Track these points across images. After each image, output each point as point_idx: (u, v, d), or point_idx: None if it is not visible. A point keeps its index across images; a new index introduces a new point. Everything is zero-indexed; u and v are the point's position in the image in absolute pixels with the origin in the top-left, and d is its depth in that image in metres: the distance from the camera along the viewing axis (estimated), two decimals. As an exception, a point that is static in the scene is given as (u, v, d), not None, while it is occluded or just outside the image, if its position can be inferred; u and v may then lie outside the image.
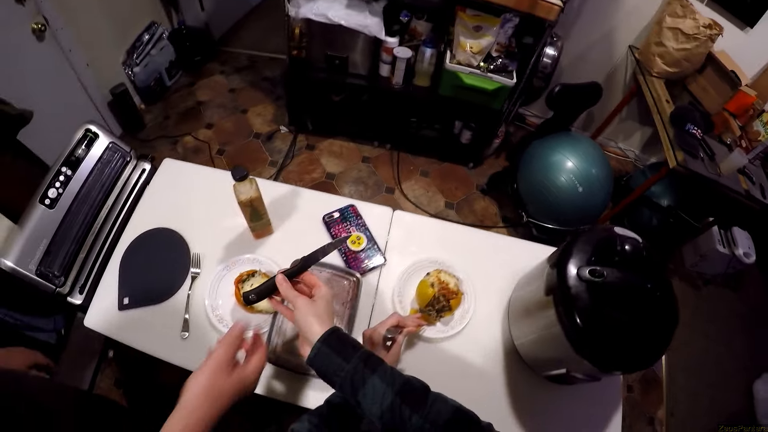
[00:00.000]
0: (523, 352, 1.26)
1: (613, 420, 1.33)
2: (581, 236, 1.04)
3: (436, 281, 1.22)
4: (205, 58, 3.27)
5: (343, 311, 1.21)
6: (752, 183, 2.37)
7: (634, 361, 0.97)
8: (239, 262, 1.26)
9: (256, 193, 1.14)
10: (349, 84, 2.58)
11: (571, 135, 2.61)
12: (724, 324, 3.13)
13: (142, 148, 2.76)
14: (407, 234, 1.45)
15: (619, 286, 0.94)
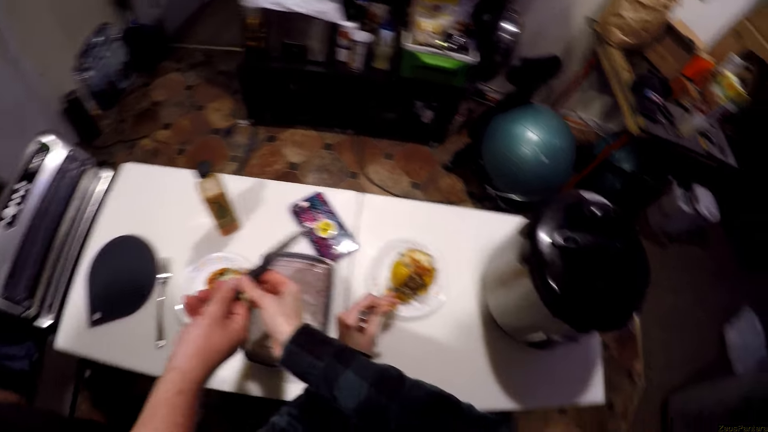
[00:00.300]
0: (502, 321, 1.27)
1: (595, 377, 1.37)
2: (551, 204, 1.06)
3: (409, 261, 1.24)
4: (160, 56, 3.17)
5: (318, 301, 1.20)
6: (712, 143, 2.45)
7: (611, 319, 1.00)
8: (209, 261, 1.23)
9: (221, 188, 1.12)
10: (308, 72, 2.55)
11: (532, 108, 2.64)
12: (691, 278, 3.24)
13: (100, 155, 2.64)
14: (377, 217, 1.45)
15: (591, 249, 0.97)
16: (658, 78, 2.51)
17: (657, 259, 3.21)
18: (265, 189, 1.43)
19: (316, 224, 1.36)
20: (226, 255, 1.25)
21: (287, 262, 1.23)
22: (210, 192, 1.10)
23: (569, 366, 1.36)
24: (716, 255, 3.46)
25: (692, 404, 2.47)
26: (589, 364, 1.39)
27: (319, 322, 1.17)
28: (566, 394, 1.35)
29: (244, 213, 1.36)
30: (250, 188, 1.42)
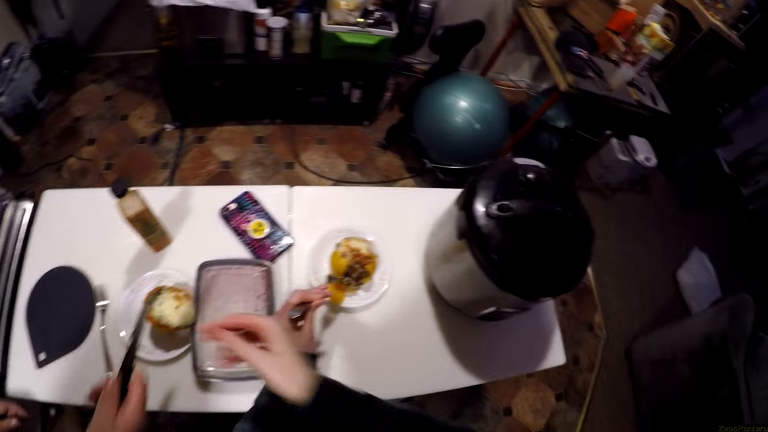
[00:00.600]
0: (450, 298, 1.24)
1: (554, 339, 1.37)
2: (483, 174, 1.02)
3: (347, 250, 1.17)
4: (74, 69, 2.95)
5: (260, 305, 1.12)
6: (642, 93, 2.49)
7: (559, 283, 0.97)
8: (144, 281, 1.13)
9: (143, 205, 1.02)
10: (227, 65, 2.43)
11: (460, 76, 2.61)
12: (637, 225, 3.33)
13: (26, 184, 2.48)
14: (310, 208, 1.38)
15: (529, 215, 0.93)
16: (583, 34, 2.53)
17: (602, 211, 3.28)
18: (192, 196, 1.33)
19: (248, 225, 1.27)
20: (161, 272, 1.15)
21: (221, 270, 1.14)
22: (131, 210, 1.00)
23: (526, 333, 1.35)
24: (658, 199, 3.57)
25: (654, 349, 2.54)
26: (545, 328, 1.39)
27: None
28: (527, 361, 1.34)
29: (174, 225, 1.26)
30: (177, 197, 1.32)
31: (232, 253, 1.24)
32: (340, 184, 2.83)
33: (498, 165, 1.04)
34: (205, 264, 1.13)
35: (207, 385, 1.06)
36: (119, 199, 0.99)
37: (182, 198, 1.31)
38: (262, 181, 2.72)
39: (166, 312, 0.97)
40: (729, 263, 3.41)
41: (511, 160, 1.06)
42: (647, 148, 3.13)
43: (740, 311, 2.09)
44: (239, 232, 1.26)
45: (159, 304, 0.98)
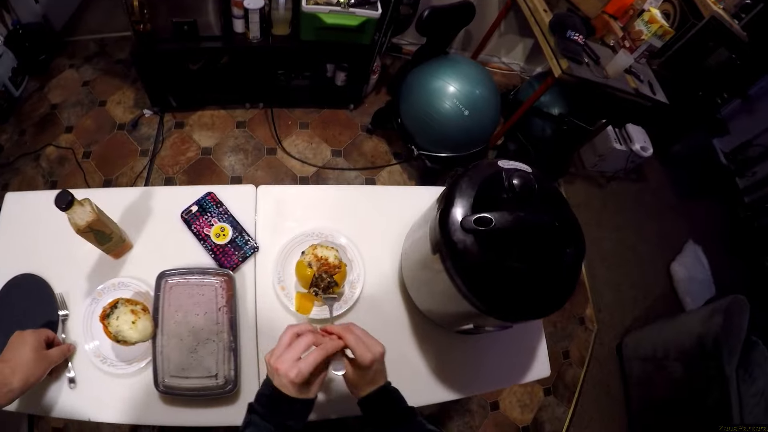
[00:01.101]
0: (425, 311, 1.16)
1: (539, 351, 1.31)
2: (462, 178, 0.91)
3: (312, 259, 1.08)
4: (51, 54, 2.83)
5: (221, 318, 1.04)
6: (640, 81, 2.39)
7: (545, 304, 0.87)
8: (105, 290, 1.07)
9: (93, 214, 0.94)
10: (204, 48, 2.31)
11: (448, 58, 2.49)
12: (631, 215, 3.26)
13: (5, 174, 2.42)
14: (278, 209, 1.28)
15: (512, 228, 0.82)
16: (578, 17, 2.40)
17: (597, 200, 3.21)
18: (152, 198, 1.23)
19: (211, 230, 1.18)
20: (121, 280, 1.09)
21: (181, 280, 1.06)
22: (81, 222, 0.92)
23: (510, 345, 1.28)
24: (654, 188, 3.49)
25: (646, 345, 2.49)
26: (530, 339, 1.32)
27: (227, 342, 1.02)
28: (510, 375, 1.28)
29: (135, 229, 1.18)
30: (136, 200, 1.22)
31: (195, 259, 1.16)
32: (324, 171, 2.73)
33: (479, 169, 0.93)
34: (164, 273, 1.04)
35: (170, 399, 1.01)
36: (66, 211, 0.91)
37: (143, 200, 1.22)
38: (243, 168, 2.63)
39: (122, 327, 0.92)
40: (724, 256, 3.35)
41: (494, 163, 0.94)
42: (643, 137, 3.05)
43: (735, 314, 2.04)
44: (201, 236, 1.17)
45: (116, 319, 0.93)
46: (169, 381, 0.97)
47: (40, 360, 0.87)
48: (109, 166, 2.51)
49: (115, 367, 1.01)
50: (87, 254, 1.10)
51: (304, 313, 1.09)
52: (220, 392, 0.98)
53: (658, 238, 3.23)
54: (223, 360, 1.00)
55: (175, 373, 0.98)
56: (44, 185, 2.40)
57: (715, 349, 2.03)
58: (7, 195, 1.22)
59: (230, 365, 1.00)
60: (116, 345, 0.95)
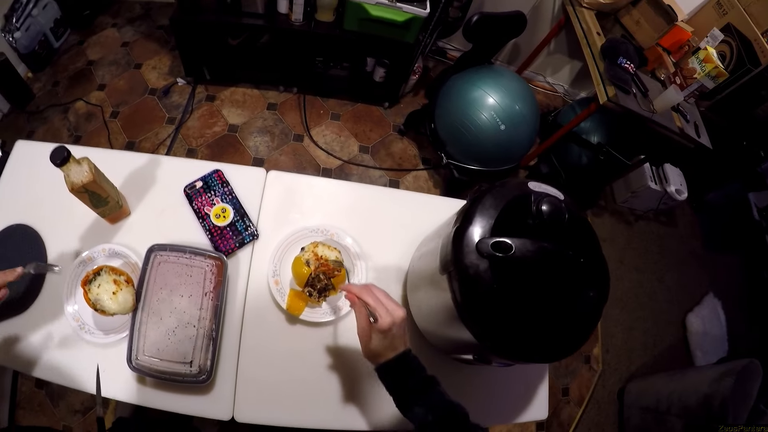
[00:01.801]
0: (423, 331, 1.08)
1: (540, 391, 1.24)
2: (486, 195, 0.83)
3: (311, 257, 1.02)
4: (95, 11, 2.85)
5: (206, 303, 0.99)
6: (686, 121, 2.29)
7: (556, 349, 0.80)
8: (94, 254, 1.04)
9: (90, 174, 0.90)
10: (246, 24, 2.28)
11: (492, 69, 2.41)
12: (655, 259, 3.13)
13: (33, 122, 2.45)
14: (286, 198, 1.22)
15: (533, 259, 0.75)
16: (632, 45, 2.30)
17: (622, 237, 3.09)
18: (158, 167, 1.19)
19: (211, 209, 1.13)
20: (112, 246, 1.05)
21: (171, 256, 1.01)
22: (76, 180, 0.89)
23: (509, 380, 1.21)
24: (682, 235, 3.35)
25: (649, 395, 2.38)
26: (532, 376, 1.24)
27: (207, 329, 0.97)
28: (506, 412, 1.21)
29: (136, 196, 1.14)
30: (141, 167, 1.18)
31: (191, 237, 1.11)
32: (348, 166, 2.68)
33: (506, 188, 0.85)
34: (155, 248, 1.00)
35: (142, 378, 0.97)
36: (61, 167, 0.87)
37: (148, 167, 1.19)
38: (267, 150, 2.60)
39: (102, 296, 0.89)
40: (741, 315, 3.20)
41: (524, 183, 0.86)
42: (680, 179, 2.92)
43: (747, 379, 1.93)
44: (201, 215, 1.13)
45: (97, 287, 0.90)
46: (142, 360, 0.94)
47: None
48: (134, 128, 2.50)
49: (92, 335, 0.98)
50: (84, 214, 1.06)
51: (295, 312, 1.04)
52: (193, 381, 0.93)
53: (679, 286, 3.10)
54: (201, 348, 0.96)
55: (150, 353, 0.94)
56: (68, 138, 2.41)
57: (721, 412, 1.92)
58: (17, 142, 1.21)
59: (207, 354, 0.96)
60: (96, 313, 0.91)
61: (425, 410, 0.77)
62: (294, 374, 1.04)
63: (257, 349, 1.04)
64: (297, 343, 1.07)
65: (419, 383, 0.81)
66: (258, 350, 1.04)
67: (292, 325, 1.08)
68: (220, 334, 0.98)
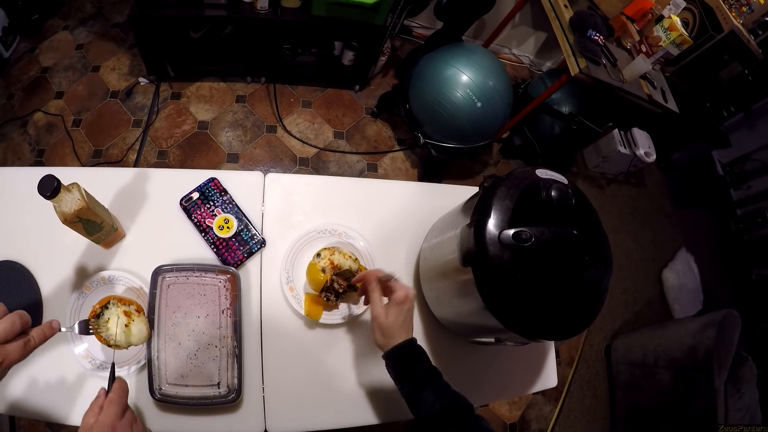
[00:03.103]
0: (441, 317, 1.11)
1: (549, 363, 1.30)
2: (499, 187, 0.86)
3: (327, 265, 1.01)
4: (44, 14, 2.66)
5: (225, 321, 0.97)
6: (654, 87, 2.35)
7: (571, 324, 0.85)
8: (93, 284, 0.97)
9: (82, 201, 0.83)
10: (208, 16, 2.20)
11: (464, 46, 2.39)
12: (628, 219, 3.24)
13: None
14: (287, 200, 1.20)
15: (548, 243, 0.80)
16: (599, 17, 2.33)
17: (595, 201, 3.16)
18: (148, 181, 1.13)
19: (213, 221, 1.10)
20: (112, 273, 0.99)
21: (180, 276, 0.98)
22: (68, 210, 0.82)
23: (520, 356, 1.25)
24: (651, 194, 3.48)
25: (635, 351, 2.49)
26: (540, 350, 1.30)
27: (230, 347, 0.96)
28: (519, 385, 1.26)
29: (128, 216, 1.07)
30: (131, 183, 1.12)
31: (194, 253, 1.07)
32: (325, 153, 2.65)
33: (517, 178, 0.89)
34: (161, 269, 0.96)
35: (166, 406, 0.94)
36: (51, 200, 0.81)
37: (138, 182, 1.12)
38: (241, 145, 2.54)
39: (115, 330, 0.83)
40: (714, 266, 3.37)
41: (531, 172, 0.90)
42: (648, 142, 3.02)
43: (728, 328, 2.05)
44: (202, 228, 1.09)
45: (106, 321, 0.83)
46: (167, 389, 0.91)
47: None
48: (99, 135, 2.39)
49: (106, 369, 0.92)
50: (75, 241, 0.99)
51: (314, 317, 1.03)
52: (222, 401, 0.92)
53: (652, 244, 3.23)
54: (226, 367, 0.95)
55: (173, 380, 0.92)
56: (30, 153, 2.28)
57: (705, 361, 2.03)
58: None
59: (233, 373, 0.94)
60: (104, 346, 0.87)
61: (434, 398, 0.80)
62: (319, 377, 1.05)
63: (279, 357, 1.04)
64: (318, 347, 1.07)
65: (426, 371, 0.84)
66: (280, 359, 1.04)
67: (312, 329, 1.08)
68: (242, 350, 0.97)
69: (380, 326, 0.86)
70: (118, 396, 0.72)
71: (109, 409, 0.69)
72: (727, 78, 2.91)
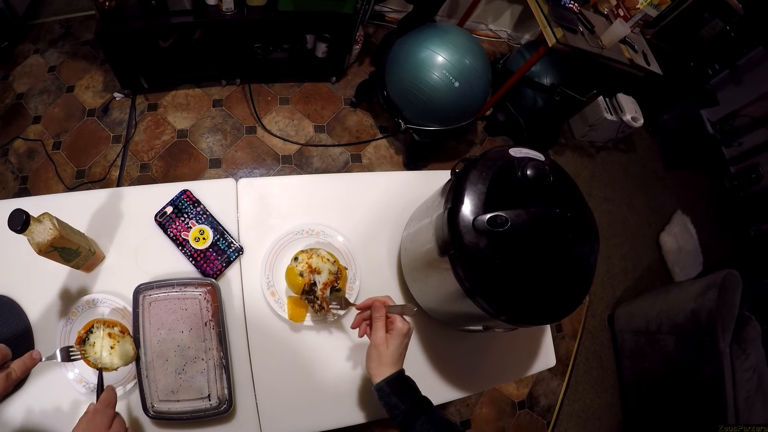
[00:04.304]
0: (429, 310, 1.09)
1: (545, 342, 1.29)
2: (471, 171, 0.84)
3: (305, 269, 1.00)
4: (14, 41, 2.62)
5: (208, 334, 0.96)
6: (635, 51, 2.33)
7: (560, 307, 0.83)
8: (79, 309, 0.97)
9: (54, 231, 0.83)
10: (175, 24, 2.16)
11: (436, 27, 2.36)
12: (621, 186, 3.23)
13: None
14: (262, 205, 1.18)
15: (527, 225, 0.77)
16: (574, -16, 2.31)
17: (586, 170, 3.17)
18: (121, 200, 1.11)
19: (189, 234, 1.08)
20: (95, 297, 0.99)
21: (160, 293, 0.97)
22: (42, 240, 0.82)
23: (515, 338, 1.24)
24: (642, 159, 3.47)
25: (638, 318, 2.49)
26: (536, 331, 1.29)
27: (217, 359, 0.95)
28: (516, 368, 1.25)
29: (106, 237, 1.06)
30: (105, 203, 1.10)
31: (174, 267, 1.06)
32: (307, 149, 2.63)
33: (489, 159, 0.86)
34: (141, 288, 0.96)
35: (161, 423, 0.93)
36: (22, 233, 0.80)
37: (111, 203, 1.10)
38: (222, 149, 2.51)
39: (101, 354, 0.84)
40: (711, 226, 3.36)
41: (505, 151, 0.88)
42: (634, 107, 2.99)
43: (729, 289, 2.04)
44: (179, 241, 1.08)
45: (92, 346, 0.85)
46: (159, 406, 0.91)
47: None
48: (81, 156, 2.37)
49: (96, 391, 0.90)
50: (57, 269, 0.98)
51: (297, 320, 1.03)
52: (215, 413, 0.92)
53: (648, 208, 3.22)
54: (215, 378, 0.94)
55: (164, 396, 0.91)
56: (14, 182, 2.26)
57: (709, 324, 2.03)
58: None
59: (223, 383, 0.94)
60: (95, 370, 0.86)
61: (428, 426, 0.79)
62: (310, 379, 1.04)
63: (269, 363, 1.03)
64: (306, 349, 1.06)
65: (419, 401, 0.83)
66: (270, 364, 1.03)
67: (298, 333, 1.06)
68: (229, 360, 0.96)
69: (379, 354, 0.85)
70: (104, 405, 0.73)
71: (95, 420, 0.70)
72: (709, 36, 2.89)
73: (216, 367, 0.94)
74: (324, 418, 1.03)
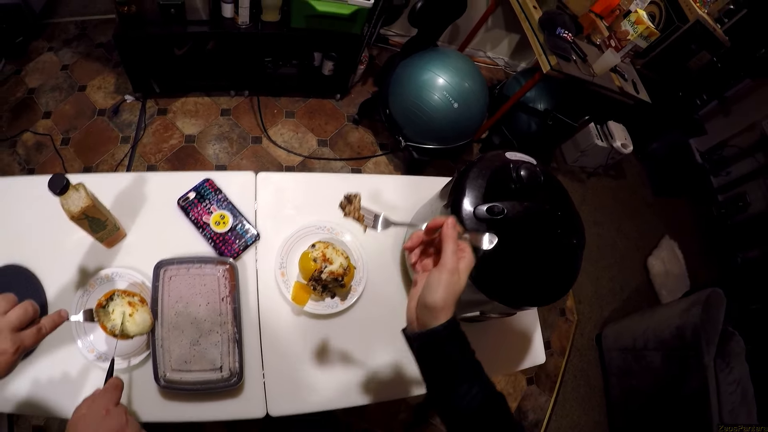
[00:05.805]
0: None
1: (535, 339, 1.34)
2: (472, 169, 0.94)
3: (320, 257, 1.06)
4: (28, 37, 2.70)
5: (225, 308, 1.02)
6: (625, 80, 2.45)
7: (551, 291, 0.92)
8: (97, 281, 1.02)
9: (88, 200, 0.89)
10: (191, 33, 2.27)
11: (438, 51, 2.49)
12: (610, 210, 3.33)
13: None
14: (278, 196, 1.26)
15: (521, 217, 0.87)
16: (567, 15, 2.44)
17: (577, 195, 3.27)
18: (146, 184, 1.19)
19: (210, 218, 1.15)
20: (114, 270, 1.04)
21: (180, 269, 1.03)
22: (75, 208, 0.88)
23: (507, 333, 1.31)
24: (632, 185, 3.58)
25: (625, 336, 2.55)
26: (527, 327, 1.35)
27: (231, 333, 1.00)
28: (507, 362, 1.31)
29: (128, 217, 1.13)
30: (130, 186, 1.17)
31: (193, 248, 1.13)
32: (310, 161, 2.71)
33: (488, 160, 0.96)
34: (162, 263, 1.02)
35: (170, 394, 0.98)
36: (60, 196, 0.86)
37: (136, 186, 1.18)
38: (228, 156, 2.59)
39: (119, 320, 0.87)
40: (698, 252, 3.46)
41: (501, 154, 0.98)
42: (624, 134, 3.11)
43: (713, 306, 2.10)
44: (200, 224, 1.15)
45: (111, 312, 0.87)
46: (171, 375, 0.95)
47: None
48: (88, 153, 2.43)
49: (107, 361, 0.94)
50: (77, 243, 1.05)
51: (299, 303, 1.08)
52: (224, 385, 0.96)
53: (636, 234, 3.32)
54: (228, 352, 0.99)
55: (177, 366, 0.96)
56: (21, 173, 2.31)
57: (694, 339, 2.09)
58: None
59: (235, 357, 0.99)
60: (110, 339, 0.91)
61: (479, 389, 0.67)
62: (316, 361, 1.09)
63: (277, 344, 1.08)
64: (312, 333, 1.12)
65: (470, 359, 0.70)
66: (278, 345, 1.08)
67: (306, 317, 1.12)
68: (242, 336, 1.01)
69: (451, 284, 0.65)
70: (112, 387, 0.75)
71: (103, 398, 0.72)
72: (696, 67, 3.03)
73: (230, 340, 1.00)
74: (328, 400, 1.07)
